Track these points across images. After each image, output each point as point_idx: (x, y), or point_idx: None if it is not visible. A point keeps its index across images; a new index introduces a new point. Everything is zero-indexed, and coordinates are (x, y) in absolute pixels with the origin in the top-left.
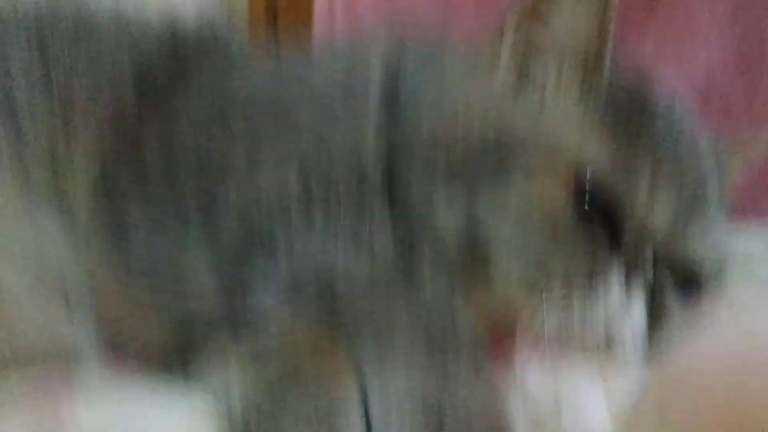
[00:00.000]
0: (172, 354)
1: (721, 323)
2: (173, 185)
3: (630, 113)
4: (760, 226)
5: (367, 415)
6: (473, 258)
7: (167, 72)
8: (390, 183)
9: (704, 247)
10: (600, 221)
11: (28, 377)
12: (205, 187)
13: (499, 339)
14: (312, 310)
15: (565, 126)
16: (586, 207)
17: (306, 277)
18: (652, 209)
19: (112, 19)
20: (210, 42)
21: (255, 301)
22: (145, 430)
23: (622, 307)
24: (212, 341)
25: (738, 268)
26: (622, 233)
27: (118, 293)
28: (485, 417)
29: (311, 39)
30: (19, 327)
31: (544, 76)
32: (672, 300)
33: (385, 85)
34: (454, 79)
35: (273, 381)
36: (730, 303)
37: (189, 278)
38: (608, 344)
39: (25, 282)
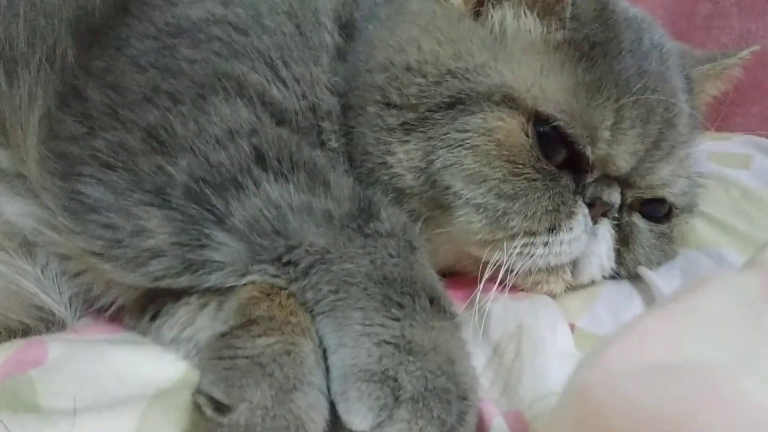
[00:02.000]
0: (142, 307)
1: None
2: (119, 123)
3: (594, 47)
4: None
5: (325, 356)
6: (433, 193)
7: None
8: (345, 118)
9: (671, 172)
10: (562, 157)
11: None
12: (152, 124)
13: (461, 272)
14: (268, 253)
15: (523, 61)
16: (547, 142)
17: (261, 217)
18: (616, 145)
19: None
20: None
21: (211, 254)
22: (115, 365)
23: (587, 236)
24: (176, 294)
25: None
26: (585, 168)
27: (79, 246)
28: (442, 354)
29: None
30: None
31: (502, 7)
32: (640, 223)
33: (339, 15)
34: (408, 11)
35: (230, 324)
36: None
37: (145, 232)
38: (574, 272)
39: None
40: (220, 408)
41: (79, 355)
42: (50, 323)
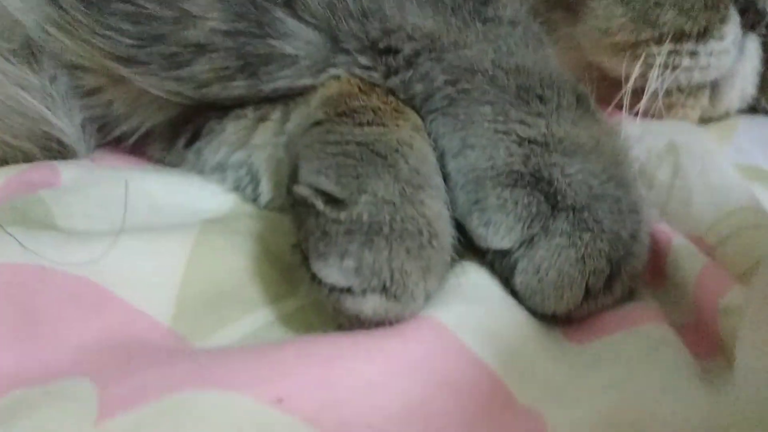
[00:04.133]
0: (175, 128)
1: None
2: None
3: None
4: None
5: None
6: None
7: None
8: None
9: None
10: None
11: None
12: None
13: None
14: (356, 39)
15: None
16: None
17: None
18: None
19: None
20: None
21: (278, 45)
22: (148, 193)
23: (736, 51)
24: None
25: None
26: None
27: (99, 47)
28: (606, 155)
29: None
30: None
31: None
32: None
33: None
34: None
35: (325, 111)
36: None
37: (189, 18)
38: (713, 97)
39: None
40: (332, 202)
41: (100, 180)
42: (57, 153)
